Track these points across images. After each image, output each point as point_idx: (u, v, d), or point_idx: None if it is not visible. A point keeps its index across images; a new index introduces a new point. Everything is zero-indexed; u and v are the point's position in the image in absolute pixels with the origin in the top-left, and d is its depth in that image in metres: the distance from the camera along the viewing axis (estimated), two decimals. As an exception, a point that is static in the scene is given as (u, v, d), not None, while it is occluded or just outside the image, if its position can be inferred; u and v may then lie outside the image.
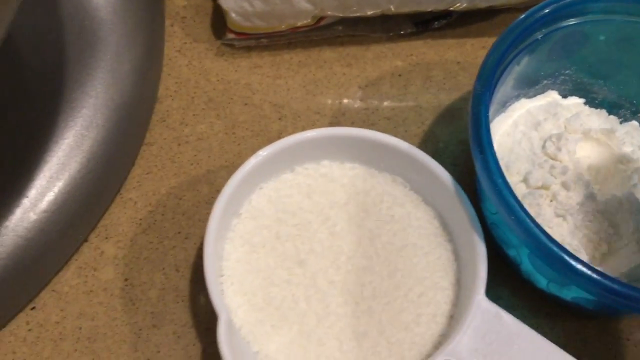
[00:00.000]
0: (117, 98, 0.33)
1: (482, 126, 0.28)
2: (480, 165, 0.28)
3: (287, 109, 0.37)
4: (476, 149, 0.28)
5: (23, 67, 0.32)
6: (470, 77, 0.39)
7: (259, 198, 0.32)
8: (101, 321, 0.31)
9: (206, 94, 0.37)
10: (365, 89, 0.38)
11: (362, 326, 0.29)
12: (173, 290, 0.32)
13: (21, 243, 0.30)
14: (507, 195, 0.27)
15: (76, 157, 0.31)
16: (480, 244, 0.29)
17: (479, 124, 0.28)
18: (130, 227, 0.34)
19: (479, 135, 0.28)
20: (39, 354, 0.30)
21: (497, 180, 0.27)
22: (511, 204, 0.27)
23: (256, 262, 0.30)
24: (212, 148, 0.36)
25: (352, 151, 0.33)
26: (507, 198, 0.27)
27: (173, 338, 0.31)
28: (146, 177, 0.35)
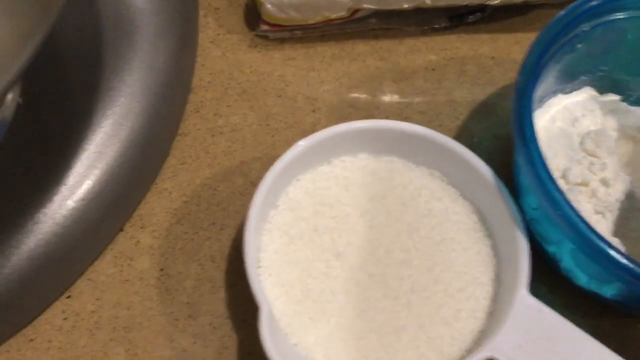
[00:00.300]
0: (153, 87, 0.33)
1: (526, 120, 0.28)
2: (524, 159, 0.28)
3: (320, 102, 0.37)
4: (520, 143, 0.28)
5: (61, 55, 0.32)
6: (504, 73, 0.39)
7: (296, 190, 0.32)
8: (137, 311, 0.31)
9: (240, 85, 0.37)
10: (399, 82, 0.38)
11: (402, 320, 0.29)
12: (209, 281, 0.32)
13: (59, 231, 0.29)
14: (552, 189, 0.27)
15: (113, 146, 0.31)
16: (522, 238, 0.29)
17: (523, 118, 0.28)
18: (166, 217, 0.33)
19: (522, 129, 0.28)
20: (74, 343, 0.30)
21: (543, 174, 0.27)
22: (557, 198, 0.26)
23: (294, 254, 0.30)
24: (245, 139, 0.36)
25: (389, 144, 0.32)
26: (552, 192, 0.27)
27: (209, 329, 0.31)
28: (181, 167, 0.35)
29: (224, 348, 0.31)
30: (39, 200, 0.29)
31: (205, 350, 0.30)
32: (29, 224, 0.29)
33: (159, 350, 0.30)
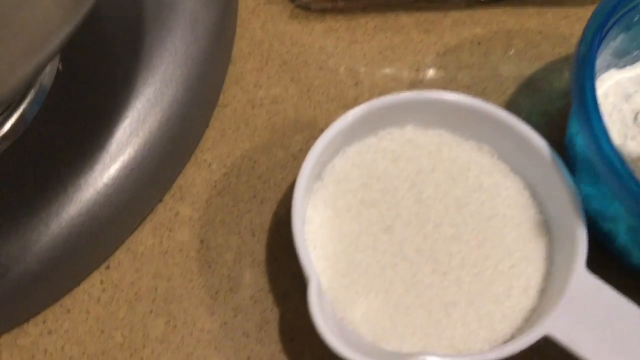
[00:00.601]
0: (195, 56, 0.32)
1: (587, 89, 0.27)
2: (585, 129, 0.26)
3: (363, 75, 0.36)
4: (581, 113, 0.27)
5: (102, 22, 0.32)
6: (552, 47, 0.37)
7: (343, 162, 0.31)
8: (177, 282, 0.30)
9: (280, 57, 0.36)
10: (443, 56, 0.37)
11: (451, 296, 0.28)
12: (249, 254, 0.31)
13: (100, 199, 0.29)
14: (615, 159, 0.25)
15: (155, 114, 0.30)
16: (580, 213, 0.28)
17: (585, 87, 0.27)
18: (205, 188, 0.33)
19: (584, 98, 0.27)
20: (113, 314, 0.30)
21: (605, 145, 0.26)
22: (620, 169, 0.25)
23: (339, 228, 0.29)
24: (286, 112, 0.35)
25: (437, 117, 0.31)
26: (615, 162, 0.25)
27: (250, 302, 0.30)
28: (220, 139, 0.34)
29: (265, 322, 0.30)
30: (80, 167, 0.29)
31: (246, 323, 0.30)
32: (70, 192, 0.28)
33: (200, 323, 0.30)
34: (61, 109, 0.30)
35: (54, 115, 0.30)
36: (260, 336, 0.30)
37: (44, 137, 0.29)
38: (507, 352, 0.26)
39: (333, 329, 0.26)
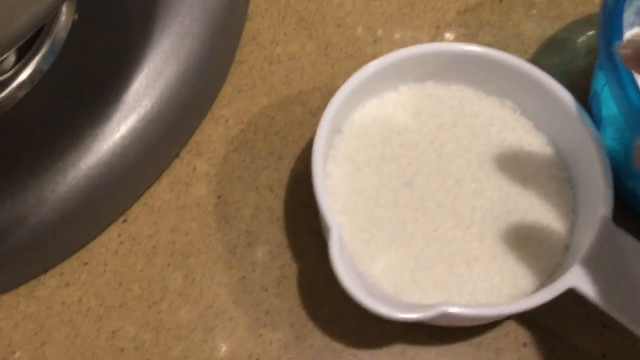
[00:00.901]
0: (211, 9, 0.31)
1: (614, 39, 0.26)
2: (612, 81, 0.26)
3: (381, 32, 0.35)
4: (609, 63, 0.26)
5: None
6: (574, 7, 0.37)
7: (363, 116, 0.30)
8: (195, 237, 0.30)
9: (297, 13, 0.36)
10: (464, 14, 0.36)
11: (473, 251, 0.28)
12: (267, 210, 0.31)
13: (117, 151, 0.28)
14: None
15: (172, 66, 0.30)
16: (605, 165, 0.27)
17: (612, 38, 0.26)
18: (222, 144, 0.32)
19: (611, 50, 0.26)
20: (131, 267, 0.29)
21: (632, 93, 0.25)
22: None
23: (360, 182, 0.29)
24: (304, 68, 0.34)
25: (458, 71, 0.31)
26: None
27: (268, 257, 0.30)
28: (237, 95, 0.33)
29: (283, 277, 0.30)
30: (97, 117, 0.28)
31: (264, 278, 0.29)
32: (87, 142, 0.28)
33: (218, 277, 0.29)
34: (77, 59, 0.29)
35: (69, 65, 0.29)
36: (279, 291, 0.29)
37: (59, 86, 0.29)
38: (530, 304, 0.25)
39: (355, 280, 0.25)
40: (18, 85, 0.28)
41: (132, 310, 0.29)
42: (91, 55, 0.30)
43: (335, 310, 0.29)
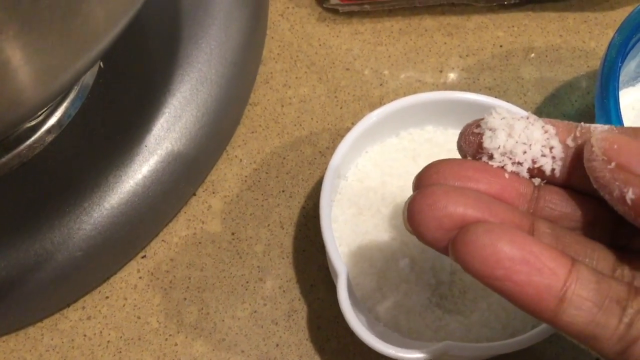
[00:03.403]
0: (228, 56, 0.33)
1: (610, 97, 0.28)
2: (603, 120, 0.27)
3: (388, 76, 0.37)
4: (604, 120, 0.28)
5: (141, 22, 0.33)
6: (572, 51, 0.38)
7: (365, 162, 0.32)
8: (209, 272, 0.32)
9: (308, 58, 0.38)
10: (466, 58, 0.38)
11: (472, 289, 0.29)
12: (278, 246, 0.33)
13: (139, 190, 0.30)
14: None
15: (191, 110, 0.32)
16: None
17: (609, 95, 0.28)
18: (236, 183, 0.34)
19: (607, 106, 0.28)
20: (149, 301, 0.31)
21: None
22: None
23: (363, 225, 0.30)
24: (314, 110, 0.36)
25: (456, 116, 0.32)
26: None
27: (279, 292, 0.31)
28: (251, 135, 0.35)
29: (293, 311, 0.31)
30: (121, 159, 0.30)
31: (275, 312, 0.31)
32: (111, 183, 0.30)
33: (231, 311, 0.31)
34: (102, 104, 0.31)
35: (95, 110, 0.31)
36: (289, 324, 0.31)
37: (86, 130, 0.31)
38: (529, 341, 0.27)
39: (362, 322, 0.27)
40: (47, 129, 0.30)
41: (149, 343, 0.30)
42: (116, 100, 0.32)
43: (342, 344, 0.30)
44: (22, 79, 0.18)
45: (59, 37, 0.18)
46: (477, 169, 0.20)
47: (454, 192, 0.19)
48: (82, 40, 0.19)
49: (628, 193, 0.18)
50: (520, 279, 0.18)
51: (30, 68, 0.18)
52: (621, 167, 0.19)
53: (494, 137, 0.21)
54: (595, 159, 0.19)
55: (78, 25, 0.18)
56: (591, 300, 0.18)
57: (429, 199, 0.19)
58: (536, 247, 0.18)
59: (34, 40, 0.17)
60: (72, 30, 0.18)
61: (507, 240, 0.18)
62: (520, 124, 0.21)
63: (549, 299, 0.18)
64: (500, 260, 0.18)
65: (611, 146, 0.19)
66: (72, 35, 0.18)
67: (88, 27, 0.19)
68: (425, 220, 0.19)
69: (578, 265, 0.18)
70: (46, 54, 0.18)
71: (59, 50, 0.18)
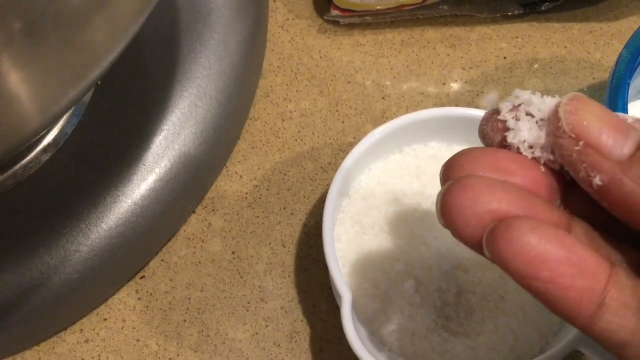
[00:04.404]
0: (228, 71, 0.33)
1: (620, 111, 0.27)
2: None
3: (390, 89, 0.37)
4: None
5: (139, 37, 0.32)
6: (577, 63, 0.38)
7: (369, 179, 0.31)
8: (210, 293, 0.31)
9: (309, 71, 0.37)
10: (470, 70, 0.37)
11: (478, 314, 0.28)
12: (280, 265, 0.32)
13: (137, 210, 0.30)
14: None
15: (190, 127, 0.31)
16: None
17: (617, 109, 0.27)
18: (237, 200, 0.33)
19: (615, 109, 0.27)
20: (149, 323, 0.30)
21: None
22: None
23: (367, 244, 0.30)
24: (316, 125, 0.36)
25: (459, 132, 0.32)
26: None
27: (281, 313, 0.31)
28: (251, 151, 0.35)
29: (295, 332, 0.30)
30: (118, 179, 0.29)
31: (277, 334, 0.30)
32: (109, 203, 0.29)
33: (232, 333, 0.30)
34: (99, 122, 0.31)
35: (92, 128, 0.30)
36: (291, 346, 0.30)
37: (83, 149, 0.30)
38: (536, 366, 0.26)
39: (366, 346, 0.26)
40: (43, 148, 0.30)
41: (149, 366, 0.30)
42: (113, 118, 0.31)
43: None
44: (22, 106, 0.17)
45: (60, 64, 0.17)
46: (513, 160, 0.19)
47: (496, 187, 0.18)
48: (83, 65, 0.19)
49: (595, 179, 0.17)
50: (564, 282, 0.17)
51: (30, 95, 0.17)
52: (590, 148, 0.17)
53: (526, 128, 0.19)
54: (562, 135, 0.18)
55: (79, 51, 0.18)
56: (629, 307, 0.17)
57: (469, 193, 0.17)
58: (580, 248, 0.17)
59: (34, 69, 0.17)
60: (73, 56, 0.18)
61: (554, 240, 0.17)
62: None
63: (589, 305, 0.17)
64: (547, 261, 0.17)
65: (580, 122, 0.17)
66: (73, 61, 0.18)
67: (89, 52, 0.18)
68: (465, 216, 0.17)
69: (617, 269, 0.17)
70: (46, 80, 0.17)
71: (60, 77, 0.18)
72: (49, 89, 0.19)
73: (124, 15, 0.19)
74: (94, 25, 0.18)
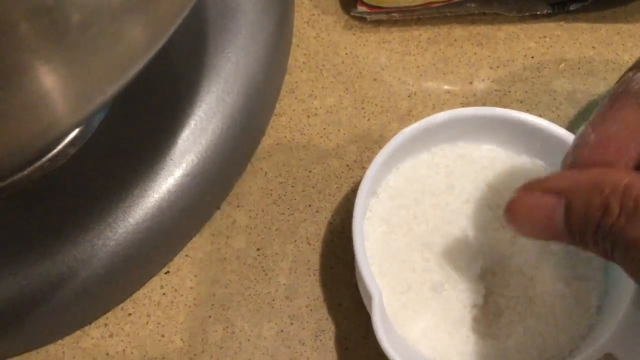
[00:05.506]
0: (255, 66, 0.33)
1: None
2: None
3: (416, 87, 0.36)
4: None
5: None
6: (605, 64, 0.37)
7: (397, 178, 0.31)
8: (234, 289, 0.31)
9: (335, 67, 0.37)
10: (497, 69, 0.37)
11: (507, 315, 0.28)
12: (304, 263, 0.32)
13: (163, 205, 0.29)
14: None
15: (216, 122, 0.31)
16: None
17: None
18: (261, 197, 0.33)
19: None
20: (173, 318, 0.30)
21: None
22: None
23: (394, 243, 0.30)
24: (341, 122, 0.35)
25: (488, 132, 0.32)
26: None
27: (306, 311, 0.31)
28: (276, 147, 0.34)
29: (320, 331, 0.30)
30: (146, 173, 0.29)
31: (302, 332, 0.30)
32: (136, 197, 0.29)
33: (257, 330, 0.30)
34: (126, 116, 0.30)
35: (119, 122, 0.30)
36: (316, 344, 0.30)
37: (110, 142, 0.30)
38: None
39: (395, 346, 0.26)
40: (70, 141, 0.29)
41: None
42: (140, 111, 0.31)
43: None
44: (59, 105, 0.17)
45: (104, 61, 0.17)
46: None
47: None
48: (125, 62, 0.18)
49: None
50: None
51: (69, 94, 0.17)
52: None
53: None
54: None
55: (125, 47, 0.17)
56: None
57: None
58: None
59: (75, 67, 0.16)
60: (118, 53, 0.17)
61: None
62: None
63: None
64: None
65: None
66: (116, 59, 0.18)
67: (133, 49, 0.18)
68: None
69: None
70: (85, 80, 0.17)
71: (99, 76, 0.18)
72: (89, 85, 0.19)
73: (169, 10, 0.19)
74: (142, 21, 0.18)
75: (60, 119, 0.18)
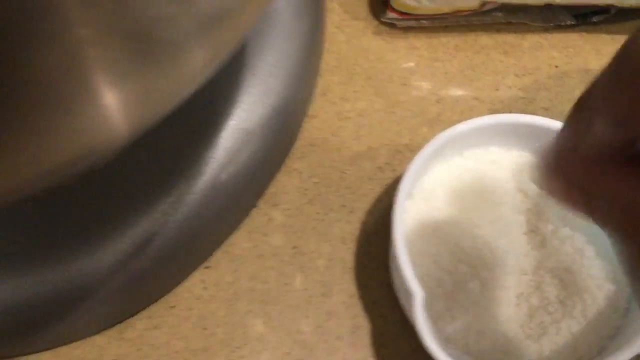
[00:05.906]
0: (291, 68, 0.33)
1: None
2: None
3: (444, 92, 0.38)
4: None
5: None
6: (626, 74, 0.39)
7: (431, 180, 0.32)
8: (273, 285, 0.32)
9: (365, 72, 0.38)
10: (522, 77, 0.38)
11: (540, 316, 0.29)
12: (340, 261, 0.33)
13: (206, 202, 0.30)
14: None
15: (255, 122, 0.32)
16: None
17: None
18: (297, 196, 0.34)
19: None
20: (214, 312, 0.31)
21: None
22: None
23: (427, 245, 0.31)
24: (372, 125, 0.36)
25: (518, 138, 0.33)
26: None
27: (342, 308, 0.32)
28: (310, 148, 0.35)
29: (356, 327, 0.31)
30: (190, 172, 0.30)
31: (339, 328, 0.31)
32: (182, 194, 0.30)
33: (295, 325, 0.31)
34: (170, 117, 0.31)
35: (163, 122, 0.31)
36: (352, 340, 0.31)
37: (154, 142, 0.31)
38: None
39: (436, 343, 0.27)
40: (118, 139, 0.30)
41: (215, 355, 0.30)
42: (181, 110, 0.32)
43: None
44: (119, 119, 0.18)
45: (167, 82, 0.18)
46: None
47: None
48: (187, 79, 0.19)
49: None
50: None
51: (129, 108, 0.18)
52: None
53: None
54: None
55: (192, 62, 0.18)
56: None
57: None
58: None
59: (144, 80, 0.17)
60: (183, 69, 0.18)
61: None
62: None
63: None
64: None
65: None
66: (181, 75, 0.18)
67: (197, 65, 0.19)
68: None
69: None
70: (149, 100, 0.18)
71: (162, 96, 0.19)
72: (152, 106, 0.19)
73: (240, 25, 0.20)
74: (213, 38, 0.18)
75: (117, 137, 0.19)
